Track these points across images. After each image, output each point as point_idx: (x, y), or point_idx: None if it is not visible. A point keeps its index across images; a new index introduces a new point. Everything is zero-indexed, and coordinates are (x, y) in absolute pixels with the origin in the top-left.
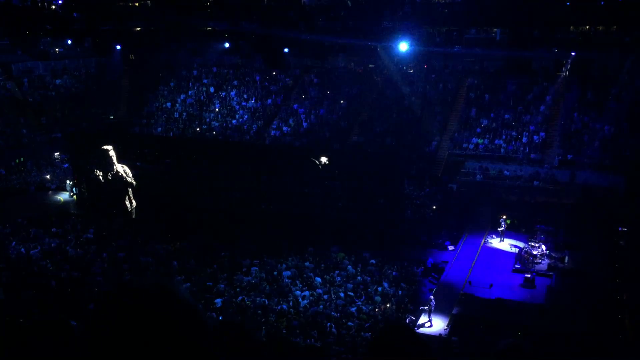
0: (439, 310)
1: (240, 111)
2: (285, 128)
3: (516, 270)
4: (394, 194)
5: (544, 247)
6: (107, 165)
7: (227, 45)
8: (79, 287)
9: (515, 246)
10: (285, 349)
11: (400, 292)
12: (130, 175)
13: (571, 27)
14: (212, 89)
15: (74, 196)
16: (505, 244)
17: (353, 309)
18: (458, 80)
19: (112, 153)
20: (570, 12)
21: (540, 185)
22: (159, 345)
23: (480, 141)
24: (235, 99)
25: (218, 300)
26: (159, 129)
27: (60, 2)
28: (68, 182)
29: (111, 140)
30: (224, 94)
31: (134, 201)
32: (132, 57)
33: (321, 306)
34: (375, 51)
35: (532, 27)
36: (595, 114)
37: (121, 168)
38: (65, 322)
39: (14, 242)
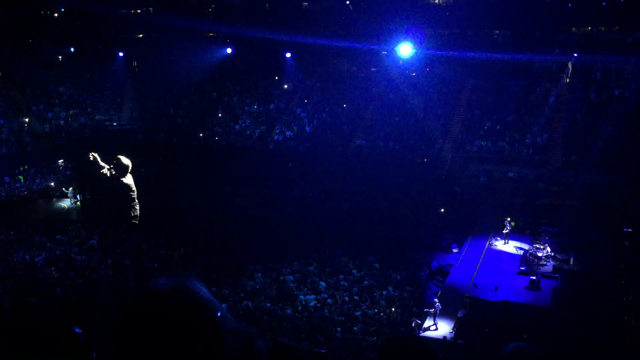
0: (444, 313)
1: (243, 116)
2: (288, 132)
3: (521, 273)
4: (397, 197)
5: (549, 249)
6: (96, 170)
7: (229, 50)
8: (84, 294)
9: (520, 248)
10: (290, 354)
11: (405, 296)
12: (135, 192)
13: (573, 29)
14: (214, 95)
15: (78, 203)
16: (510, 246)
17: (358, 313)
18: (460, 82)
19: (93, 159)
20: (572, 13)
21: (544, 187)
22: (183, 349)
23: (483, 143)
24: (237, 104)
25: (223, 306)
26: (162, 135)
27: (62, 10)
28: (72, 189)
29: (114, 147)
30: (226, 99)
31: (136, 214)
32: (135, 63)
33: (326, 310)
34: (378, 55)
35: (534, 28)
36: (599, 115)
37: (130, 180)
38: (71, 330)
39: (21, 252)
